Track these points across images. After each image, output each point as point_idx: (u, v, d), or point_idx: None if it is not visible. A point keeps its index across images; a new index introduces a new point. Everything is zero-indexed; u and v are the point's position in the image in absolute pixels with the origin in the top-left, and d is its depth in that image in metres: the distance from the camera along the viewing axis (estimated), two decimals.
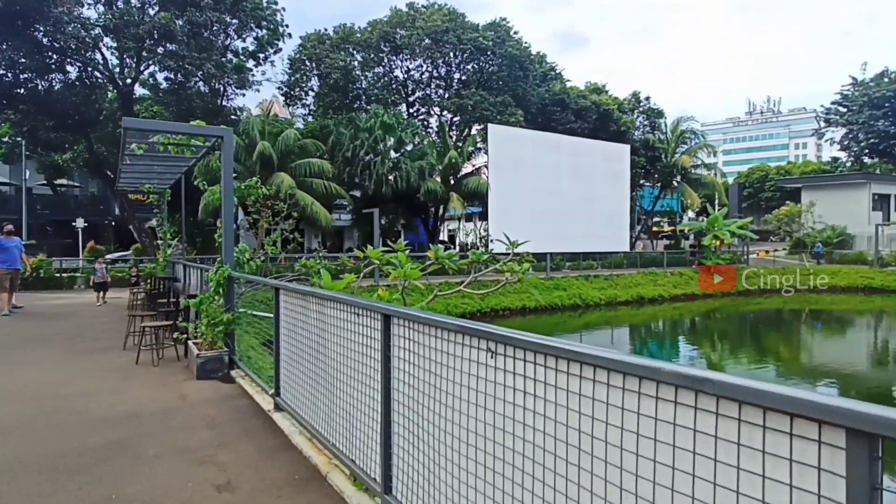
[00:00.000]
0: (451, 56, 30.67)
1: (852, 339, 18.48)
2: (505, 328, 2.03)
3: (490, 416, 2.12)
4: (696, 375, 1.39)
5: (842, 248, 33.56)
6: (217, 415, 4.94)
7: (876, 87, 49.93)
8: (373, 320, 3.06)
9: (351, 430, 3.36)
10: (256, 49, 30.29)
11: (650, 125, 38.92)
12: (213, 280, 6.54)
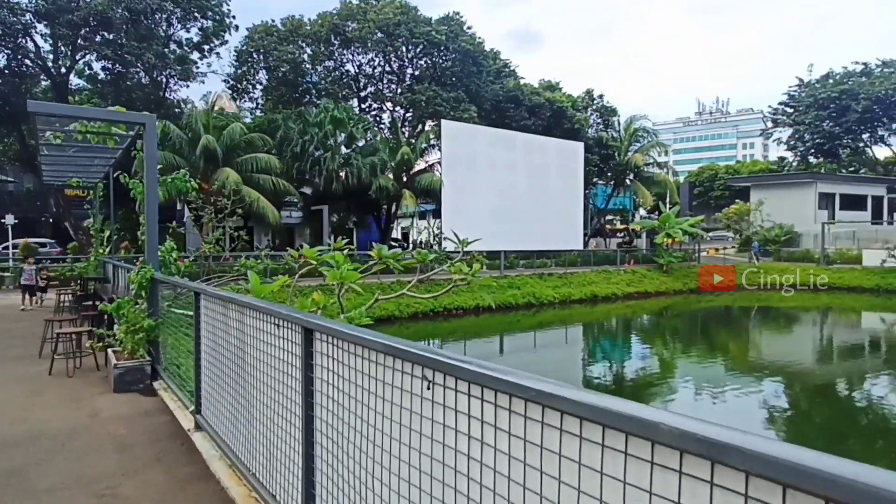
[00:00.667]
0: (404, 50, 30.14)
1: (797, 335, 19.11)
2: (446, 354, 1.61)
3: (428, 448, 1.69)
4: (706, 437, 0.94)
5: (789, 247, 34.90)
6: (129, 435, 4.35)
7: (821, 89, 52.19)
8: (293, 333, 2.60)
9: (271, 458, 2.88)
10: (201, 40, 28.92)
11: (604, 123, 39.50)
12: (134, 282, 5.89)
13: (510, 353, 15.66)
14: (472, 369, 1.46)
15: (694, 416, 0.98)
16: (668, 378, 12.64)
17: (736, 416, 9.72)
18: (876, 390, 11.62)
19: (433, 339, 16.97)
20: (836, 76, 52.54)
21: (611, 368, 13.70)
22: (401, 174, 26.64)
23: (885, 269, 27.51)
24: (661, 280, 27.38)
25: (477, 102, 30.27)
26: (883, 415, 9.90)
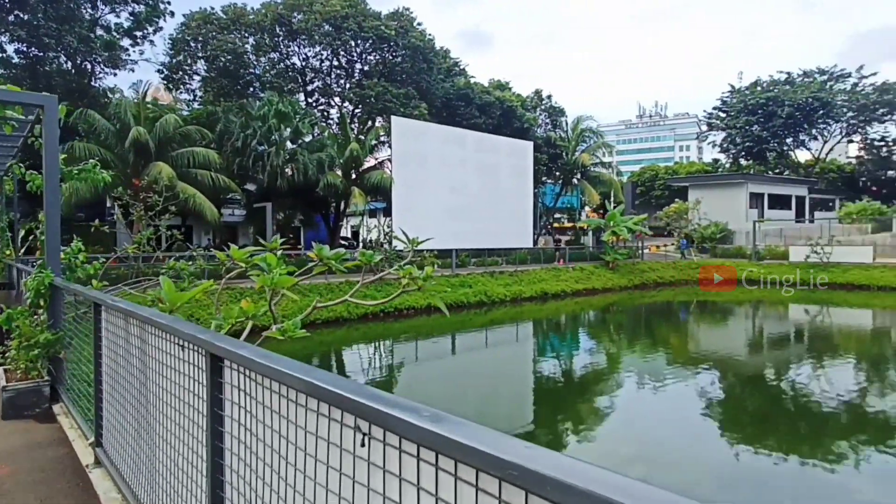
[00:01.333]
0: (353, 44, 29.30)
1: (732, 328, 19.75)
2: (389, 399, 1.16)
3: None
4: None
5: (724, 243, 36.44)
6: (14, 473, 3.63)
7: (750, 95, 54.97)
8: (198, 357, 2.08)
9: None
10: (133, 25, 27.07)
11: (552, 123, 39.95)
12: (30, 289, 5.08)
13: (462, 352, 15.36)
14: (420, 426, 1.02)
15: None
16: (615, 372, 12.72)
17: (675, 404, 9.96)
18: (799, 377, 12.15)
19: (384, 340, 16.43)
20: (764, 84, 55.50)
21: (560, 365, 13.63)
22: (350, 171, 25.85)
23: (808, 263, 29.07)
24: (607, 277, 27.84)
25: (427, 100, 29.85)
26: (805, 399, 10.37)
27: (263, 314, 3.91)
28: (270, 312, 3.87)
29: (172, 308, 3.46)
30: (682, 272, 31.04)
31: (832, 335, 17.93)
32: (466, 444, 0.93)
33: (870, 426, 8.81)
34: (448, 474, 1.03)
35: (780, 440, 8.12)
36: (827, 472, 7.00)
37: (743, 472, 6.94)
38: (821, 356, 14.49)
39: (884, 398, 10.56)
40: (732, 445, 8.05)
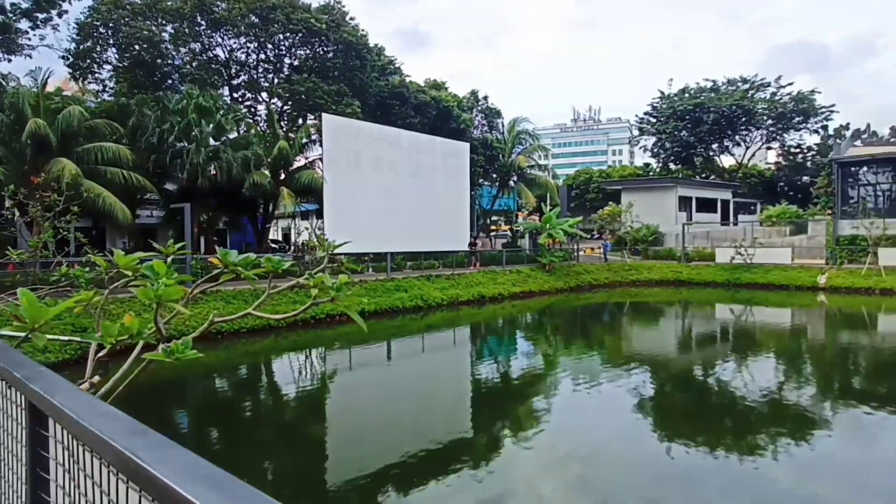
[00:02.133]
0: (281, 38, 27.94)
1: (662, 327, 20.10)
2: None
3: None
4: None
5: (655, 245, 37.58)
6: None
7: (679, 102, 57.36)
8: (13, 407, 1.35)
9: None
10: (32, 6, 24.59)
11: (489, 125, 39.95)
12: None
13: (398, 359, 14.68)
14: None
15: None
16: (552, 374, 12.51)
17: (610, 403, 10.00)
18: (724, 374, 12.45)
19: (314, 348, 15.47)
20: (692, 91, 58.13)
21: (498, 368, 13.23)
22: (278, 171, 24.54)
23: (733, 265, 30.35)
24: (544, 279, 27.91)
25: (361, 97, 28.94)
26: (731, 395, 10.65)
27: (149, 331, 3.10)
28: (158, 328, 3.07)
29: (34, 326, 2.60)
30: (616, 274, 31.65)
31: (754, 333, 18.54)
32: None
33: (787, 418, 9.09)
34: None
35: (708, 434, 8.31)
36: (749, 463, 7.17)
37: (674, 467, 7.08)
38: (743, 353, 14.84)
39: (799, 391, 11.00)
40: (663, 441, 8.20)
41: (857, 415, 9.24)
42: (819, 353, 15.16)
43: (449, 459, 7.20)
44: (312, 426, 8.94)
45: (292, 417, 9.62)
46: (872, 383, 11.79)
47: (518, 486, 6.56)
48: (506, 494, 6.35)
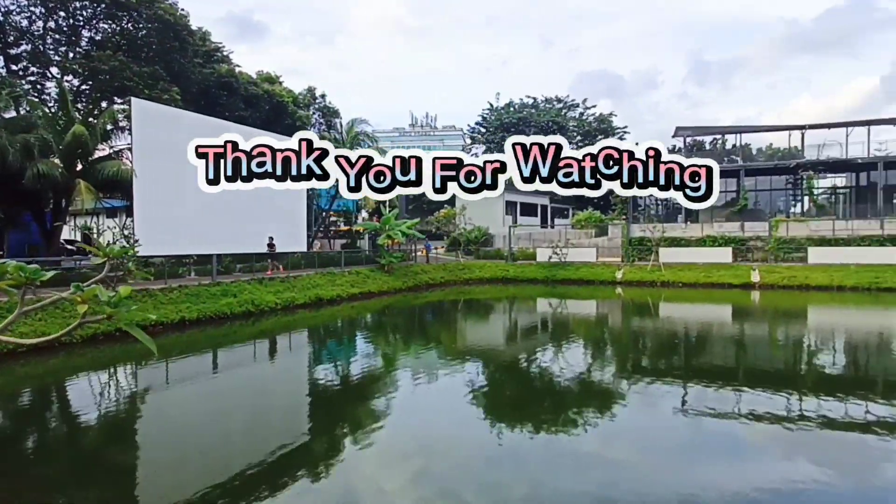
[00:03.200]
0: (78, 5, 24.07)
1: (492, 322, 21.59)
2: None
3: None
4: None
5: (486, 246, 40.20)
6: None
7: (505, 114, 62.18)
8: None
9: None
10: None
11: (326, 124, 39.08)
12: None
13: (226, 369, 13.53)
14: None
15: None
16: (391, 372, 12.68)
17: (447, 396, 10.53)
18: (545, 361, 13.85)
19: (119, 365, 13.53)
20: (516, 105, 63.60)
21: (337, 371, 12.97)
22: (73, 160, 21.02)
23: (551, 263, 33.85)
24: (383, 280, 28.14)
25: (181, 84, 26.18)
26: (550, 378, 11.95)
27: None
28: None
29: None
30: (451, 273, 33.16)
31: (568, 323, 20.87)
32: None
33: (594, 394, 10.48)
34: None
35: (532, 415, 9.11)
36: (565, 436, 8.13)
37: (505, 449, 7.67)
38: (559, 341, 16.64)
39: (602, 370, 12.74)
40: (495, 426, 8.86)
41: (646, 386, 10.91)
42: (617, 337, 17.60)
43: (284, 470, 6.86)
44: (119, 454, 7.82)
45: (94, 447, 8.31)
46: (656, 360, 14.02)
47: (359, 486, 6.51)
48: (346, 495, 6.25)
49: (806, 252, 29.83)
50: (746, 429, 8.31)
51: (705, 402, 9.62)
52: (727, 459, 7.27)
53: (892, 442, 7.69)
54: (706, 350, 15.14)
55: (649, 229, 33.42)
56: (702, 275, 29.22)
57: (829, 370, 12.52)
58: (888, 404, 9.36)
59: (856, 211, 39.18)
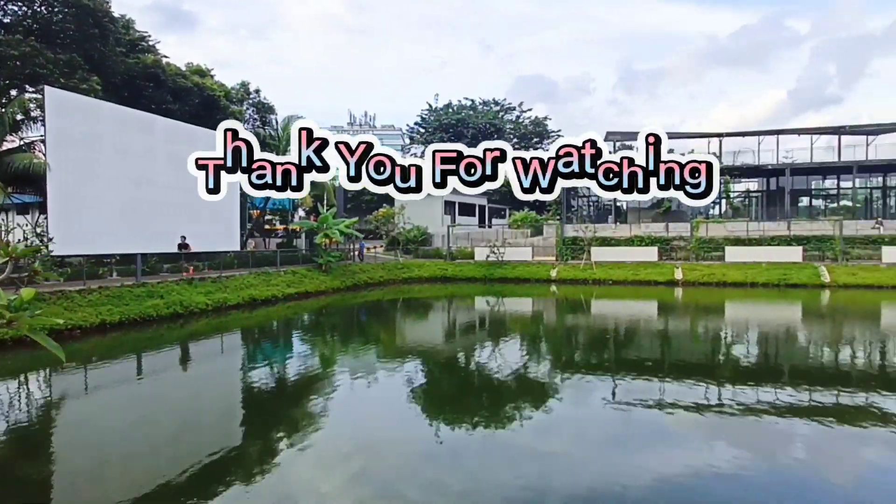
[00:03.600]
0: None
1: (431, 320, 21.72)
2: None
3: None
4: None
5: (425, 245, 40.31)
6: None
7: (444, 115, 62.53)
8: None
9: None
10: None
11: (261, 120, 37.88)
12: None
13: (152, 374, 12.87)
14: None
15: None
16: (330, 372, 12.52)
17: (386, 395, 10.52)
18: (483, 357, 14.16)
19: (32, 373, 12.55)
20: (454, 107, 64.12)
21: (273, 373, 12.61)
22: None
23: (489, 262, 34.43)
24: (320, 280, 27.63)
25: (102, 73, 24.54)
26: (487, 374, 12.21)
27: None
28: None
29: None
30: (390, 272, 33.04)
31: (505, 320, 21.33)
32: None
33: (529, 389, 10.76)
34: None
35: (470, 411, 9.31)
36: (503, 431, 8.31)
37: (444, 446, 7.79)
38: (497, 338, 16.99)
39: (538, 365, 13.12)
40: (434, 423, 8.95)
41: (578, 380, 11.36)
42: (551, 334, 18.17)
43: (215, 477, 6.63)
44: (31, 468, 7.28)
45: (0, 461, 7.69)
46: (588, 354, 14.62)
47: (295, 489, 6.39)
48: (282, 499, 6.12)
49: (723, 251, 31.92)
50: (671, 417, 8.83)
51: (634, 394, 10.13)
52: (653, 447, 7.70)
53: (797, 423, 8.43)
54: (634, 344, 15.93)
55: (582, 229, 34.69)
56: (630, 272, 30.65)
57: (743, 361, 13.50)
58: (793, 390, 10.22)
59: (767, 213, 42.42)
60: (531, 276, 32.26)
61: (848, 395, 9.79)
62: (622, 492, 6.18)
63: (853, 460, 7.21)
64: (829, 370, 12.20)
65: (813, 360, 13.63)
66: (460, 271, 33.93)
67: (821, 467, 7.08)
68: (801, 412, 8.92)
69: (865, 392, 9.92)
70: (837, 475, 6.79)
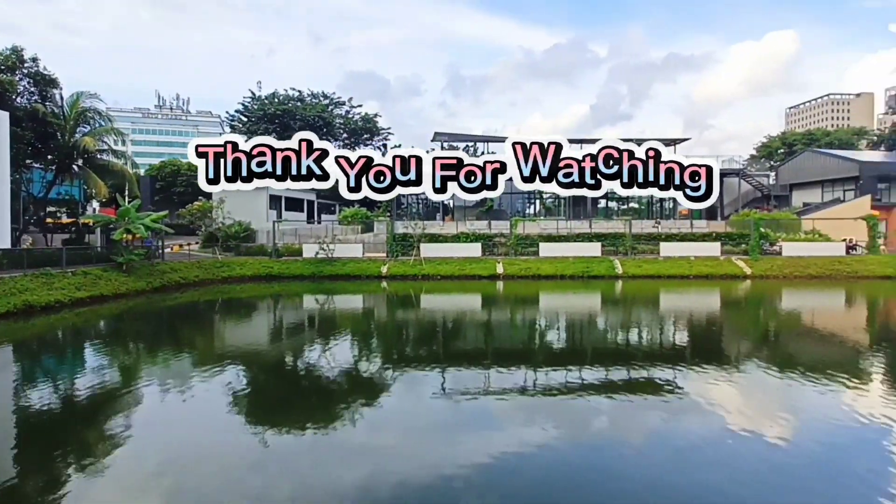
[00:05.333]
0: None
1: (255, 321, 20.39)
2: None
3: None
4: None
5: (248, 242, 37.63)
6: None
7: (269, 105, 58.96)
8: None
9: None
10: None
11: (40, 94, 31.83)
12: None
13: None
14: None
15: None
16: (132, 384, 10.94)
17: (205, 405, 9.54)
18: (312, 357, 13.70)
19: None
20: (280, 97, 60.99)
21: (56, 391, 10.62)
22: None
23: (318, 259, 33.50)
24: (120, 281, 24.16)
25: None
26: (318, 375, 11.89)
27: None
28: None
29: None
30: (207, 271, 30.26)
31: (335, 318, 20.90)
32: None
33: (361, 386, 10.66)
34: None
35: (299, 415, 8.87)
36: (334, 431, 8.18)
37: (270, 452, 7.32)
38: (327, 336, 16.53)
39: (369, 362, 13.03)
40: (259, 430, 8.30)
41: (408, 374, 11.57)
42: (382, 330, 18.27)
43: None
44: None
45: None
46: (417, 348, 14.99)
47: None
48: None
49: (538, 247, 35.32)
50: (494, 403, 9.44)
51: (461, 383, 10.62)
52: (478, 432, 8.15)
53: (599, 400, 9.62)
54: (461, 336, 16.77)
55: (412, 226, 35.56)
56: (457, 268, 32.27)
57: (555, 346, 15.06)
58: (594, 369, 11.67)
59: (573, 213, 48.09)
60: (362, 273, 32.15)
61: (636, 371, 11.48)
62: (450, 476, 6.44)
63: (640, 426, 8.44)
64: (622, 350, 14.18)
65: (610, 341, 15.74)
66: (287, 269, 32.42)
67: (616, 435, 8.18)
68: (600, 388, 10.22)
69: (648, 367, 11.73)
70: (630, 441, 7.89)
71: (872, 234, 34.51)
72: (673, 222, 45.55)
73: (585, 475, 6.58)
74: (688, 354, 13.60)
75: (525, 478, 6.42)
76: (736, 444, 7.35)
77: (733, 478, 6.29)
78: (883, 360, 12.88)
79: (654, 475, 6.45)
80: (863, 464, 6.70)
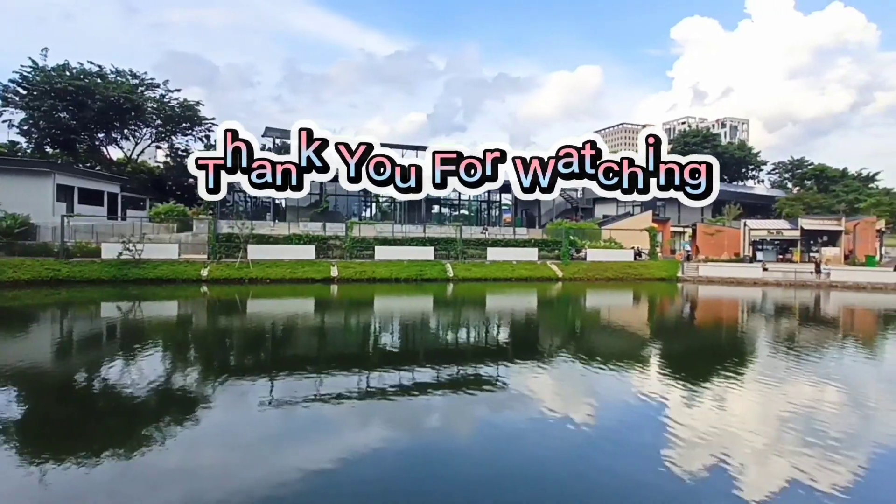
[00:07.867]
0: None
1: (35, 334, 17.04)
2: None
3: None
4: None
5: (26, 239, 31.40)
6: None
7: (58, 79, 49.97)
8: None
9: None
10: None
11: None
12: None
13: None
14: None
15: None
16: None
17: None
18: (110, 376, 11.65)
19: None
20: (74, 70, 52.18)
21: None
22: None
23: (121, 260, 29.35)
24: None
25: None
26: (118, 395, 10.05)
27: None
28: None
29: None
30: None
31: (142, 328, 18.31)
32: None
33: (175, 403, 9.29)
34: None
35: (94, 444, 7.50)
36: (142, 456, 6.97)
37: (54, 491, 6.00)
38: (129, 350, 14.31)
39: (184, 375, 11.56)
40: (37, 465, 6.74)
41: (231, 385, 10.55)
42: (200, 338, 16.52)
43: None
44: None
45: None
46: (242, 357, 13.82)
47: None
48: None
49: (373, 250, 35.26)
50: (328, 408, 9.04)
51: (291, 391, 10.00)
52: (311, 439, 7.72)
53: (432, 398, 9.80)
54: (291, 342, 15.89)
55: (238, 226, 33.01)
56: (288, 271, 30.74)
57: (388, 348, 15.05)
58: (426, 368, 11.90)
59: (408, 217, 49.14)
60: (177, 276, 28.87)
61: (464, 368, 11.97)
62: (276, 487, 5.98)
63: (471, 418, 8.79)
64: (452, 349, 14.72)
65: (440, 341, 16.23)
66: (80, 272, 27.76)
67: (449, 429, 8.41)
68: (432, 386, 10.43)
69: (476, 364, 12.32)
70: (463, 432, 8.17)
71: (653, 243, 41.16)
72: (498, 229, 49.19)
73: (424, 469, 6.66)
74: (510, 351, 14.64)
75: (361, 479, 6.23)
76: (554, 426, 8.18)
77: (559, 453, 7.07)
78: (660, 347, 15.46)
79: (489, 459, 6.92)
80: (646, 437, 7.87)
